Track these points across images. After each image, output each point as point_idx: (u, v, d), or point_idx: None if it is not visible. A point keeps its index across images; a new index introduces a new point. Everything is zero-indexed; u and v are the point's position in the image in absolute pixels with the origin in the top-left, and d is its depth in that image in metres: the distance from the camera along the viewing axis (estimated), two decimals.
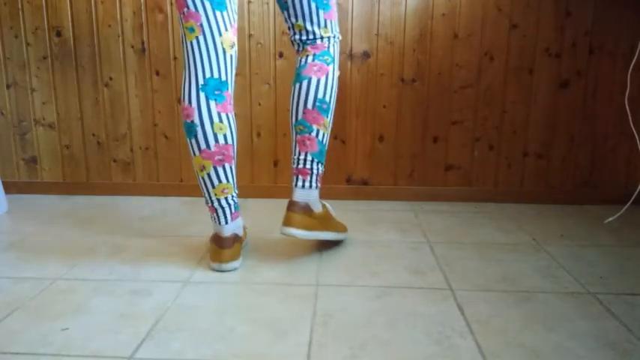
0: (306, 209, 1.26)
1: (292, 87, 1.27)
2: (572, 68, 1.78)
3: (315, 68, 1.25)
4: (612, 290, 1.15)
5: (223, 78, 1.18)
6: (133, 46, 1.87)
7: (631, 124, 1.79)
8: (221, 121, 1.18)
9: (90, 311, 1.05)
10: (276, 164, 1.92)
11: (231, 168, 1.22)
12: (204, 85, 1.16)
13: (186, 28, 1.15)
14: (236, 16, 1.21)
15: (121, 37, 1.86)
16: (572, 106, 1.81)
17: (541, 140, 1.84)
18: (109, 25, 1.85)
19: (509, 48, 1.78)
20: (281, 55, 1.83)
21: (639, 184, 1.78)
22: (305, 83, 1.24)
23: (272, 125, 1.89)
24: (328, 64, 1.26)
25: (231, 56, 1.19)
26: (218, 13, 1.14)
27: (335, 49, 1.29)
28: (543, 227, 1.59)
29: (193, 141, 1.18)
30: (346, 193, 1.91)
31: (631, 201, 1.71)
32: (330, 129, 1.30)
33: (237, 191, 1.26)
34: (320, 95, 1.24)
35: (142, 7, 1.83)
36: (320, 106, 1.25)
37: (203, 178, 1.21)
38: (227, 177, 1.21)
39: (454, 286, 1.16)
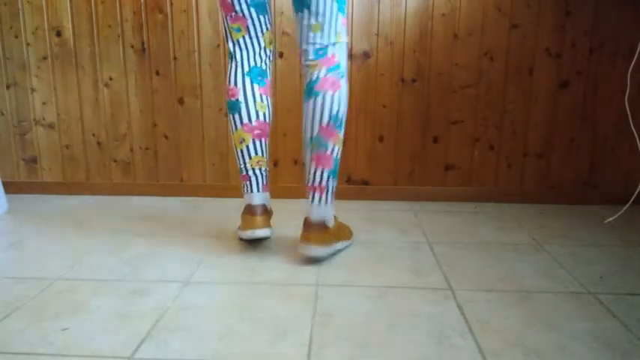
0: (323, 227, 1.29)
1: (305, 103, 1.27)
2: (572, 68, 1.78)
3: (327, 83, 1.25)
4: (612, 290, 1.15)
5: (263, 68, 1.36)
6: (133, 46, 1.87)
7: (631, 124, 1.79)
8: (262, 100, 1.34)
9: (90, 311, 1.05)
10: (276, 164, 1.92)
11: (266, 143, 1.37)
12: (249, 71, 1.34)
13: (232, 28, 1.31)
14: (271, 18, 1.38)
15: (121, 37, 1.86)
16: (572, 106, 1.81)
17: (541, 140, 1.84)
18: (109, 25, 1.85)
19: (509, 48, 1.78)
20: (281, 55, 1.83)
21: (639, 184, 1.78)
22: (319, 99, 1.25)
23: (272, 125, 1.88)
24: (340, 78, 1.27)
25: (270, 50, 1.37)
26: (261, 17, 1.31)
27: (344, 60, 1.29)
28: (543, 227, 1.59)
29: (237, 116, 1.33)
30: (346, 193, 1.91)
31: (631, 201, 1.72)
32: (342, 142, 1.31)
33: (268, 167, 1.39)
34: (334, 111, 1.25)
35: (142, 7, 1.83)
36: (334, 122, 1.27)
37: (242, 150, 1.35)
38: (262, 150, 1.36)
39: (454, 286, 1.16)
